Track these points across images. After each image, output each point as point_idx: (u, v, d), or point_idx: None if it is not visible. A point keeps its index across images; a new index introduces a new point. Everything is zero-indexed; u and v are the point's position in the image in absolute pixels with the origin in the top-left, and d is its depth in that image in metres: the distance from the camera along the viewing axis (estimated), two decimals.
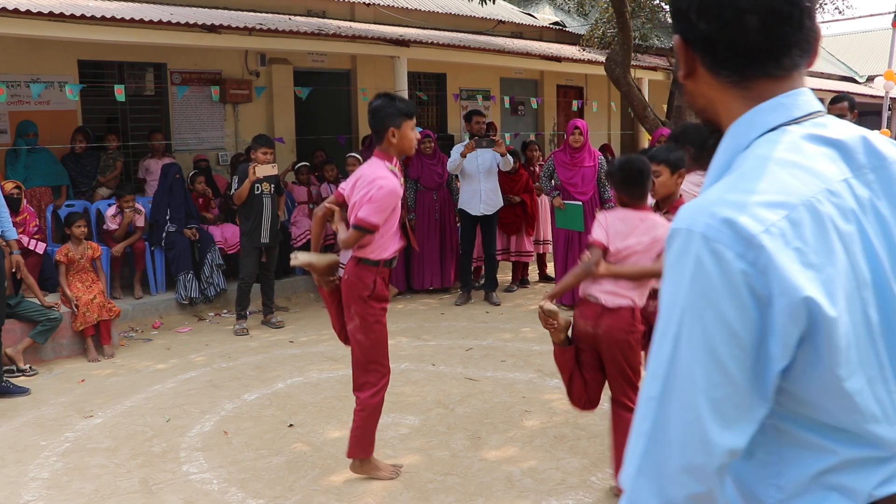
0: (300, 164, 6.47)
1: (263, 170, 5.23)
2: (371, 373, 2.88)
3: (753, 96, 0.84)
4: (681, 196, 2.85)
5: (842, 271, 0.77)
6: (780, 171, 0.78)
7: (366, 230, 2.73)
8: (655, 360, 0.79)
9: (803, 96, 0.84)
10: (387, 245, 2.84)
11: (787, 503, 0.83)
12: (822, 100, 4.29)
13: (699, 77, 0.87)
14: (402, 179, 2.92)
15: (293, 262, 2.98)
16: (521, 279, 6.83)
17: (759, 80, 0.83)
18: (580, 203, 5.62)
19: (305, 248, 6.30)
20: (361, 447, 2.90)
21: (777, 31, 0.80)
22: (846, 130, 0.84)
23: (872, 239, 0.81)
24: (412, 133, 2.82)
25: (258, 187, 5.31)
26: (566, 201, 5.69)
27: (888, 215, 0.82)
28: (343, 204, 2.89)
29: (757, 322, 0.74)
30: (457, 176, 6.37)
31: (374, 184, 2.72)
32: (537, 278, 7.05)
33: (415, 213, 6.44)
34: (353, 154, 6.44)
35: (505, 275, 6.90)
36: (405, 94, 7.62)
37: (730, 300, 0.73)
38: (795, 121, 0.83)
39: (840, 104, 4.13)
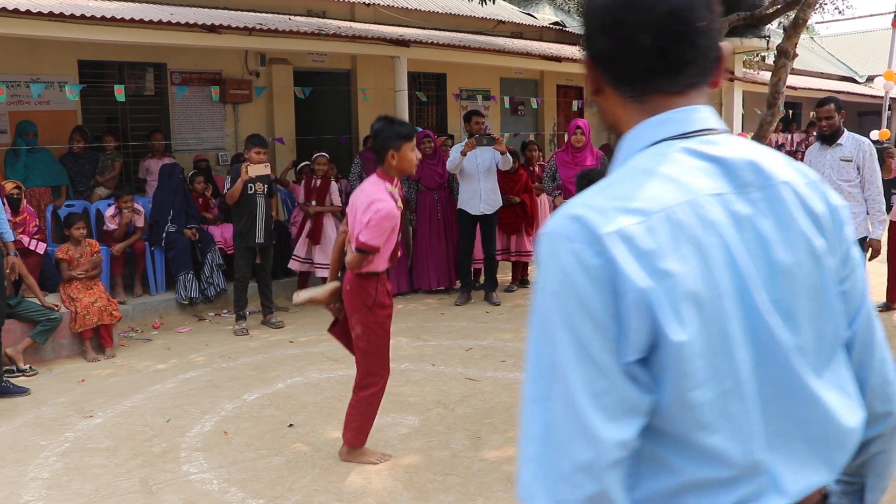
0: (303, 164, 6.47)
1: (256, 169, 5.23)
2: (373, 376, 3.06)
3: (648, 111, 0.86)
4: None
5: (692, 279, 0.77)
6: (646, 181, 0.80)
7: (367, 252, 2.91)
8: (535, 362, 0.79)
9: (698, 113, 0.86)
10: (386, 257, 3.01)
11: None
12: (830, 100, 4.26)
13: (606, 94, 0.90)
14: (400, 201, 3.07)
15: (296, 301, 3.17)
16: (521, 279, 6.83)
17: (655, 95, 0.86)
18: None
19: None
20: (355, 438, 3.10)
21: (670, 49, 0.83)
22: (735, 149, 0.85)
23: (740, 253, 0.80)
24: (412, 154, 2.97)
25: (251, 187, 5.31)
26: (567, 200, 5.70)
27: (770, 233, 0.82)
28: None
29: (617, 313, 0.76)
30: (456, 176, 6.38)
31: (372, 208, 2.88)
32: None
33: (416, 214, 6.44)
34: (322, 154, 6.43)
35: (505, 275, 6.90)
36: (405, 95, 7.62)
37: (593, 294, 0.75)
38: (684, 136, 0.84)
39: (827, 107, 4.14)
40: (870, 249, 4.20)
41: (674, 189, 0.80)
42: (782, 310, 0.83)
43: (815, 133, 4.40)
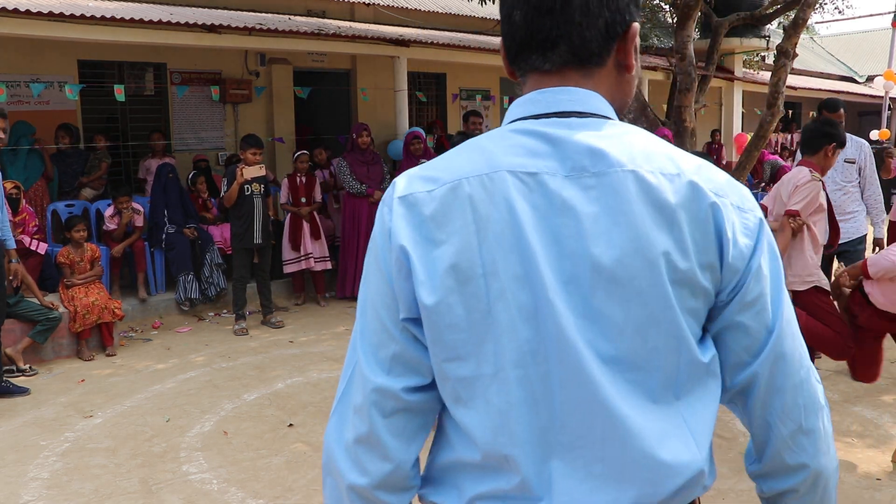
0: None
1: (251, 171, 5.24)
2: None
3: (527, 90, 0.84)
4: None
5: (457, 251, 0.76)
6: (460, 153, 0.81)
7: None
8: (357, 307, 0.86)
9: (565, 95, 0.80)
10: None
11: (424, 485, 0.85)
12: (840, 104, 4.26)
13: (513, 76, 0.89)
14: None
15: None
16: None
17: (531, 74, 0.83)
18: None
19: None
20: None
21: (537, 23, 0.79)
22: (584, 134, 0.78)
23: (534, 236, 0.74)
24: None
25: (248, 188, 5.31)
26: None
27: (592, 223, 0.74)
28: None
29: (394, 271, 0.79)
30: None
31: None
32: None
33: None
34: (303, 152, 6.42)
35: None
36: (405, 95, 7.62)
37: (383, 252, 0.80)
38: (538, 116, 0.80)
39: (840, 111, 4.15)
40: (877, 248, 4.29)
41: (477, 162, 0.78)
42: (589, 311, 0.74)
43: None
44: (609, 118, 0.81)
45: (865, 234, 4.27)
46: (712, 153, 11.32)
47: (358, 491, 0.82)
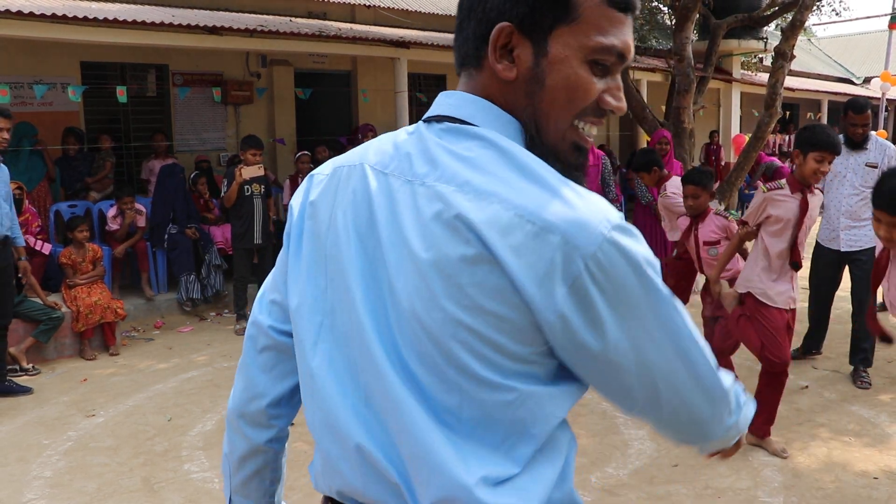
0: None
1: (249, 171, 5.26)
2: None
3: None
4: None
5: (315, 225, 0.85)
6: (360, 147, 0.88)
7: None
8: None
9: (446, 98, 0.83)
10: None
11: None
12: (868, 105, 4.08)
13: None
14: None
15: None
16: None
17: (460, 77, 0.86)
18: None
19: None
20: None
21: (457, 32, 0.84)
22: (417, 137, 0.80)
23: (349, 226, 0.81)
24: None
25: (248, 189, 5.34)
26: None
27: (386, 224, 0.77)
28: None
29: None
30: None
31: None
32: None
33: None
34: (305, 153, 6.45)
35: None
36: (405, 96, 7.65)
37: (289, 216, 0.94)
38: (427, 119, 0.83)
39: (866, 113, 3.88)
40: None
41: (360, 154, 0.86)
42: (378, 309, 0.77)
43: (843, 136, 3.97)
44: (471, 125, 0.79)
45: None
46: (710, 154, 11.35)
47: (228, 417, 0.99)
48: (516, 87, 0.79)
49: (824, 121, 15.05)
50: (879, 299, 5.85)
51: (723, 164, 11.19)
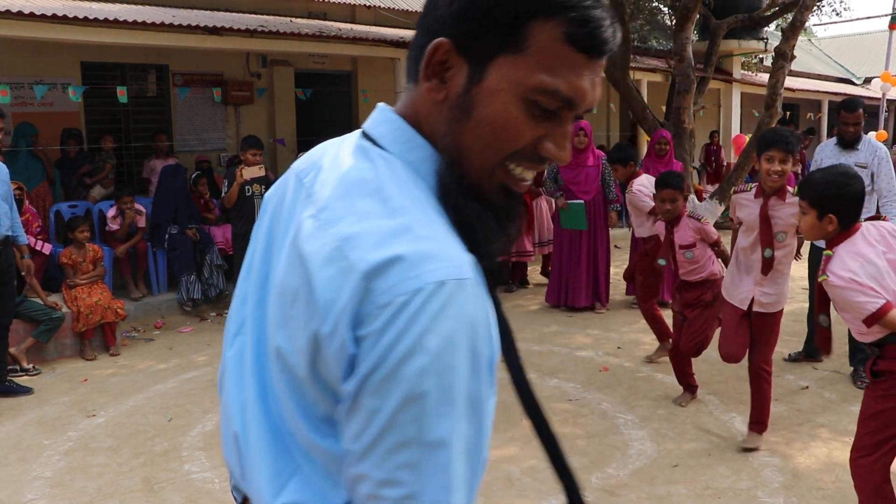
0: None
1: (250, 171, 5.27)
2: None
3: None
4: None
5: (259, 223, 0.85)
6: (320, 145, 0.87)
7: None
8: None
9: (376, 113, 0.79)
10: None
11: None
12: (860, 104, 4.05)
13: None
14: None
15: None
16: (520, 279, 6.86)
17: None
18: (582, 202, 5.68)
19: None
20: None
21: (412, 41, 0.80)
22: (338, 150, 0.77)
23: (264, 230, 0.82)
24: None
25: (249, 189, 5.35)
26: (569, 201, 5.74)
27: (280, 240, 0.75)
28: None
29: None
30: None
31: None
32: (538, 278, 7.07)
33: None
34: (304, 153, 6.47)
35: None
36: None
37: None
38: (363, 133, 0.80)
39: (857, 112, 3.91)
40: None
41: (299, 160, 0.86)
42: (260, 318, 0.78)
43: (837, 135, 4.05)
44: (377, 145, 0.74)
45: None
46: (710, 154, 11.35)
47: None
48: (443, 110, 0.71)
49: (824, 121, 15.05)
50: None
51: (724, 164, 11.20)
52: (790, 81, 11.89)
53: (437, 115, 0.72)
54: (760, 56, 12.49)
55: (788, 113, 13.79)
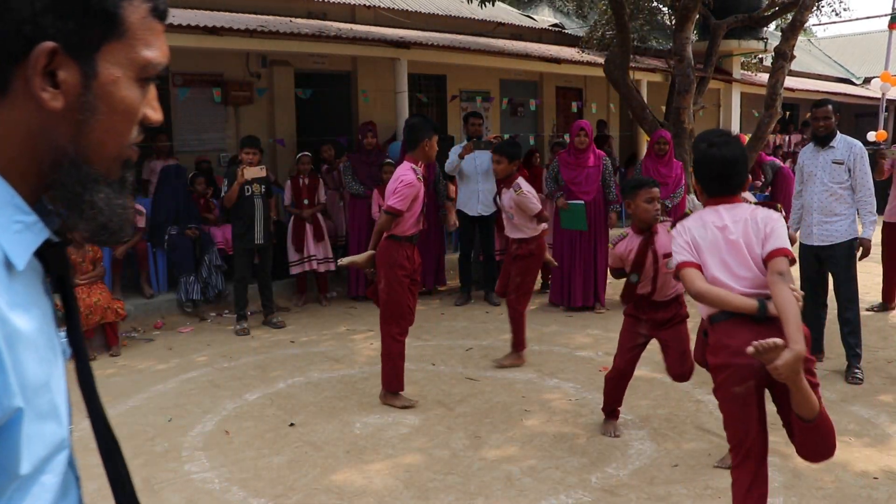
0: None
1: (251, 172, 5.27)
2: (391, 324, 3.71)
3: None
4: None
5: None
6: None
7: (393, 214, 3.61)
8: None
9: None
10: (410, 224, 3.69)
11: None
12: (828, 101, 4.21)
13: None
14: (422, 177, 3.74)
15: (340, 263, 3.96)
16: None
17: None
18: (582, 202, 5.68)
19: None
20: (389, 381, 3.80)
21: None
22: None
23: None
24: (435, 146, 3.77)
25: (249, 189, 5.34)
26: (569, 201, 5.74)
27: None
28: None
29: None
30: (451, 177, 6.41)
31: (398, 179, 3.63)
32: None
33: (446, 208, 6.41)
34: (306, 153, 6.45)
35: None
36: (405, 96, 7.66)
37: None
38: None
39: (824, 108, 4.13)
40: (860, 248, 4.19)
41: None
42: None
43: (810, 134, 4.33)
44: None
45: (854, 239, 4.11)
46: None
47: None
48: (61, 118, 0.66)
49: None
50: (877, 300, 5.86)
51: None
52: (790, 81, 11.89)
53: (55, 125, 0.67)
54: (760, 56, 12.49)
55: (788, 113, 13.80)
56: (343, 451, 3.28)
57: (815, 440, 2.13)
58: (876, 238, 4.55)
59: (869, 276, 6.65)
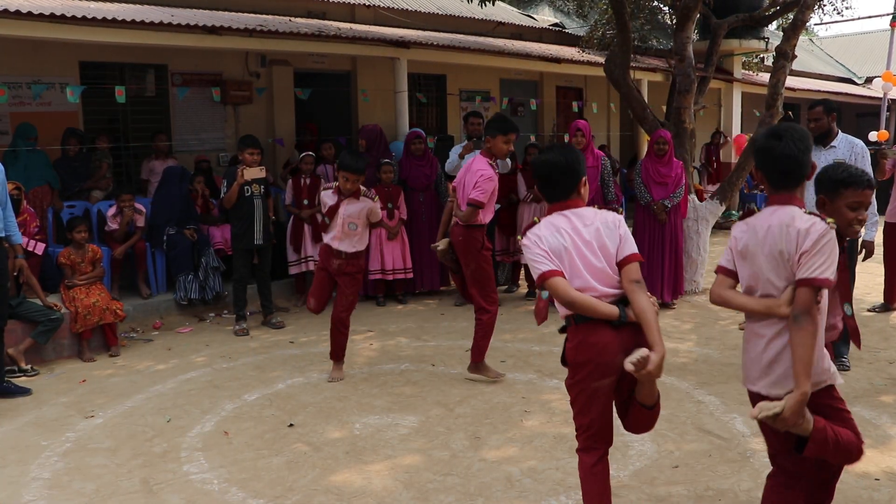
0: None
1: (251, 172, 5.25)
2: (488, 302, 4.07)
3: None
4: None
5: None
6: None
7: (477, 206, 3.92)
8: None
9: None
10: (488, 212, 4.04)
11: None
12: (821, 102, 4.27)
13: None
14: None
15: (433, 247, 4.18)
16: (520, 279, 6.85)
17: None
18: None
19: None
20: (479, 352, 4.14)
21: None
22: None
23: None
24: (505, 144, 3.99)
25: (248, 189, 5.33)
26: None
27: None
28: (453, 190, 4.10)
29: None
30: (452, 177, 6.38)
31: (478, 173, 3.92)
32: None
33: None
34: (309, 153, 6.43)
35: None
36: (405, 96, 7.64)
37: None
38: None
39: (815, 109, 4.22)
40: (863, 251, 4.21)
41: None
42: None
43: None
44: None
45: (857, 238, 4.11)
46: (711, 154, 11.33)
47: None
48: None
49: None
50: (879, 301, 5.84)
51: (715, 165, 11.20)
52: (791, 81, 11.87)
53: None
54: (761, 55, 12.47)
55: (790, 112, 13.77)
56: (342, 451, 3.26)
57: (647, 421, 2.38)
58: (878, 238, 4.54)
59: (870, 277, 6.63)
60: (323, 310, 4.40)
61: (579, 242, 2.22)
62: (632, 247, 2.24)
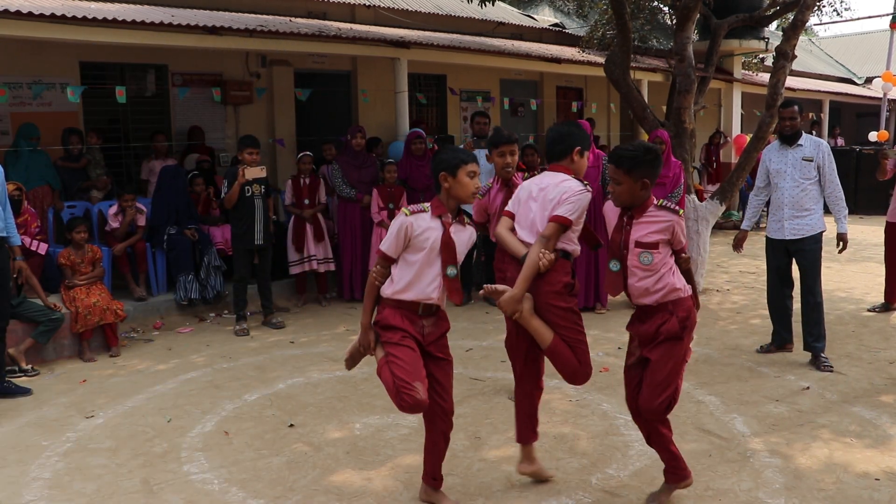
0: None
1: (252, 172, 5.26)
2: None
3: None
4: None
5: None
6: None
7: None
8: None
9: None
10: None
11: None
12: (794, 102, 4.34)
13: None
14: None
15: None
16: None
17: None
18: None
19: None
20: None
21: None
22: None
23: None
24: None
25: (249, 189, 5.33)
26: None
27: None
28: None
29: None
30: None
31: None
32: None
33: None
34: (307, 153, 6.39)
35: None
36: (405, 96, 7.64)
37: None
38: None
39: (791, 108, 4.40)
40: (840, 243, 4.41)
41: None
42: None
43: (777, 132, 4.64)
44: None
45: (822, 232, 4.35)
46: (711, 154, 11.33)
47: None
48: None
49: (825, 121, 15.01)
50: (879, 301, 5.84)
51: (715, 165, 11.18)
52: (791, 81, 11.88)
53: None
54: (761, 56, 12.47)
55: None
56: (343, 451, 3.27)
57: (559, 365, 2.68)
58: (878, 238, 4.57)
59: (871, 277, 6.63)
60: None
61: (535, 195, 2.70)
62: (563, 210, 2.63)
